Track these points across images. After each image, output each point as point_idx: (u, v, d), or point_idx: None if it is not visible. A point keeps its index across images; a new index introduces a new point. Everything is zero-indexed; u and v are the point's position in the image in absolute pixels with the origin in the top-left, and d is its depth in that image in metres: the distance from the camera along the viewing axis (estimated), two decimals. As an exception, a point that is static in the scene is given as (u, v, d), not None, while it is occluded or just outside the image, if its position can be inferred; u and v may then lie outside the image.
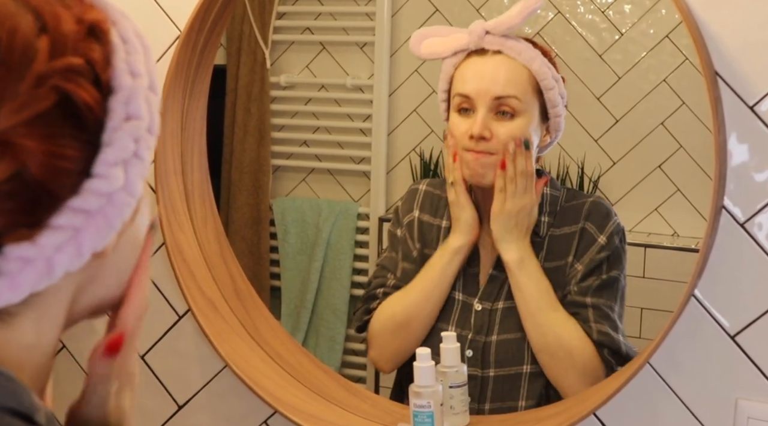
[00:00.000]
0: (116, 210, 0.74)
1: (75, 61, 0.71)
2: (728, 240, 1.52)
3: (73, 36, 0.72)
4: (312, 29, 2.62)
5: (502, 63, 1.71)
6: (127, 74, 0.75)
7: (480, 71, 1.72)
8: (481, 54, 1.73)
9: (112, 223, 0.74)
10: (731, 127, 1.50)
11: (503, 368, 1.76)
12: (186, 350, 1.98)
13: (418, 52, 1.79)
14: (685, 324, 1.54)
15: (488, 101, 1.70)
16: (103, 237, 0.74)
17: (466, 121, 1.73)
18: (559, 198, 1.79)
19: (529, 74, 1.71)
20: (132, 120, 0.74)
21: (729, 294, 1.54)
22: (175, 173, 1.84)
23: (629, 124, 2.14)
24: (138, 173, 0.75)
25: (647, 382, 1.60)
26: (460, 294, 1.80)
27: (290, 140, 2.68)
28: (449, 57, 1.76)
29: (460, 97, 1.73)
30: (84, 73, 0.72)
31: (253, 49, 2.65)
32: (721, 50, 1.48)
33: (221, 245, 1.92)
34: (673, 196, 2.10)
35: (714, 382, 1.56)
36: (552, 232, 1.77)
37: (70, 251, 0.72)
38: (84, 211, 0.72)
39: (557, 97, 1.73)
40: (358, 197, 2.54)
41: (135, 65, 0.76)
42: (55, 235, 0.71)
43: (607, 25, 2.15)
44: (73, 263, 0.72)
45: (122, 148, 0.73)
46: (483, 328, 1.77)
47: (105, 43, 0.75)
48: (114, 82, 0.74)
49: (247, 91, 2.67)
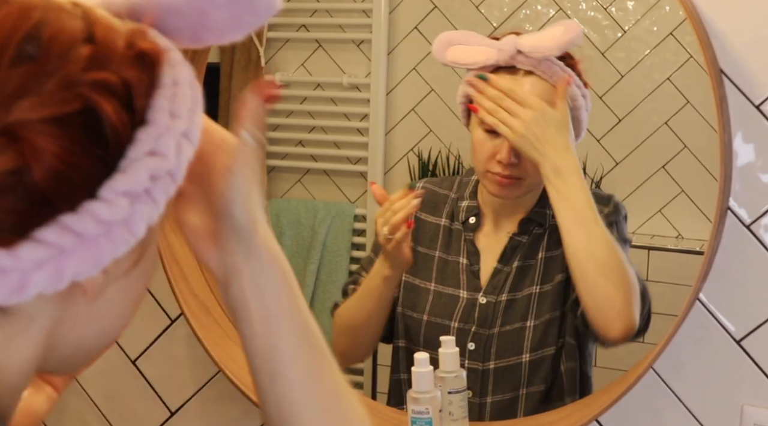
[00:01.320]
0: (111, 243, 0.70)
1: (110, 78, 0.70)
2: (734, 242, 1.52)
3: (119, 55, 0.71)
4: (307, 26, 2.61)
5: (534, 86, 1.70)
6: (166, 112, 0.72)
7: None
8: (512, 72, 1.72)
9: (102, 256, 0.70)
10: (737, 126, 1.50)
11: (503, 359, 1.77)
12: (178, 355, 1.98)
13: (442, 57, 1.78)
14: (689, 328, 1.54)
15: None
16: (88, 267, 0.70)
17: (493, 142, 1.72)
18: None
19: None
20: (156, 157, 0.71)
21: (734, 298, 1.54)
22: (168, 174, 1.84)
23: (632, 124, 2.14)
24: (145, 212, 0.71)
25: (651, 387, 1.60)
26: (464, 292, 1.81)
27: (285, 140, 2.68)
28: (475, 70, 1.74)
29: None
30: (117, 93, 0.70)
31: (247, 46, 2.64)
32: (727, 48, 1.49)
33: (215, 248, 1.91)
34: (677, 198, 2.10)
35: (719, 388, 1.56)
36: (552, 222, 1.78)
37: (49, 272, 0.68)
38: (75, 232, 0.68)
39: (584, 113, 1.73)
40: (355, 198, 2.54)
41: (178, 107, 0.74)
42: (38, 249, 0.67)
43: (610, 22, 2.15)
44: (50, 285, 0.69)
45: (136, 179, 0.70)
46: (487, 321, 1.78)
47: (152, 75, 0.73)
48: (149, 114, 0.72)
49: (240, 90, 2.67)
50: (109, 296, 0.77)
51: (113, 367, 2.05)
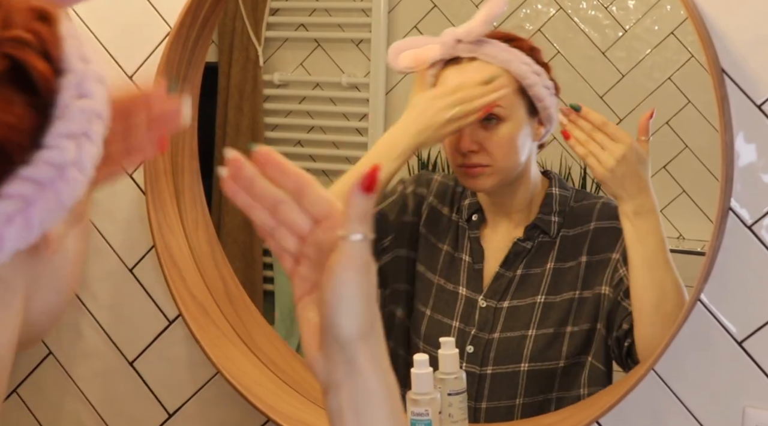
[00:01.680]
0: (67, 185, 0.72)
1: (25, 35, 0.72)
2: (735, 243, 1.52)
3: (24, 14, 0.73)
4: (306, 26, 2.61)
5: (478, 70, 1.73)
6: (78, 59, 0.75)
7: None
8: (457, 63, 1.75)
9: (63, 199, 0.72)
10: (738, 126, 1.50)
11: (501, 366, 1.77)
12: (176, 356, 1.98)
13: (396, 65, 1.81)
14: (690, 330, 1.54)
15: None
16: (53, 213, 0.72)
17: (453, 136, 1.74)
18: (568, 198, 1.81)
19: (509, 75, 1.72)
20: (84, 99, 0.74)
21: (736, 299, 1.54)
22: (165, 174, 1.84)
23: (633, 124, 2.13)
24: (90, 152, 0.74)
25: (652, 389, 1.60)
26: (464, 289, 1.81)
27: (284, 140, 2.68)
28: (428, 69, 1.77)
29: None
30: (34, 47, 0.72)
31: (246, 46, 2.64)
32: (728, 47, 1.48)
33: (213, 248, 1.91)
34: (678, 198, 2.10)
35: (721, 390, 1.56)
36: (564, 233, 1.78)
37: (20, 224, 0.70)
38: (35, 181, 0.70)
39: (542, 90, 1.73)
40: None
41: (85, 52, 0.76)
42: (4, 204, 0.69)
43: (611, 21, 2.15)
44: (22, 238, 0.71)
45: (74, 122, 0.73)
46: (487, 325, 1.78)
47: (55, 29, 0.75)
48: (64, 64, 0.74)
49: (239, 90, 2.67)
50: (64, 250, 0.79)
51: (111, 368, 2.05)
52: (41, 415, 2.11)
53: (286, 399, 1.82)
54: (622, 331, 1.67)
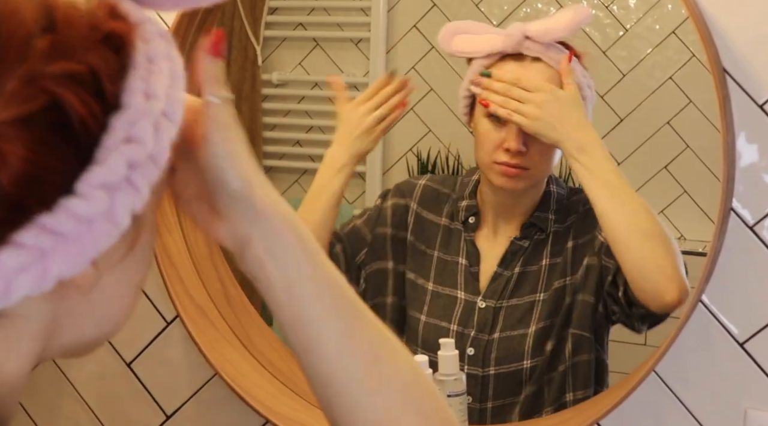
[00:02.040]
0: (93, 238, 0.68)
1: (75, 67, 0.67)
2: (737, 243, 1.52)
3: (83, 40, 0.68)
4: (305, 25, 2.61)
5: (542, 73, 1.70)
6: (141, 94, 0.70)
7: (517, 80, 1.70)
8: (519, 59, 1.72)
9: (86, 252, 0.68)
10: (740, 126, 1.50)
11: (503, 365, 1.77)
12: (174, 358, 1.98)
13: (448, 47, 1.78)
14: (691, 331, 1.54)
15: None
16: (73, 265, 0.68)
17: (499, 132, 1.72)
18: (564, 196, 1.82)
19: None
20: (133, 143, 0.69)
21: (738, 299, 1.54)
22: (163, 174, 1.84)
23: (634, 124, 2.14)
24: (127, 202, 0.69)
25: (653, 391, 1.60)
26: (462, 292, 1.81)
27: (282, 140, 2.68)
28: (481, 59, 1.75)
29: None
30: (84, 82, 0.67)
31: (244, 45, 2.64)
32: (730, 46, 1.48)
33: (211, 249, 1.91)
34: (679, 198, 2.10)
35: (722, 392, 1.56)
36: (556, 229, 1.79)
37: (33, 275, 0.66)
38: (54, 231, 0.66)
39: (589, 105, 1.73)
40: (353, 199, 2.54)
41: (153, 87, 0.71)
42: (18, 253, 0.65)
43: (611, 20, 2.15)
44: (35, 288, 0.67)
45: (113, 170, 0.67)
46: (486, 326, 1.78)
47: (123, 56, 0.70)
48: (123, 98, 0.69)
49: (237, 89, 2.67)
50: (106, 286, 0.75)
51: (108, 370, 2.04)
52: (38, 417, 2.11)
53: (285, 401, 1.82)
54: (610, 283, 1.67)
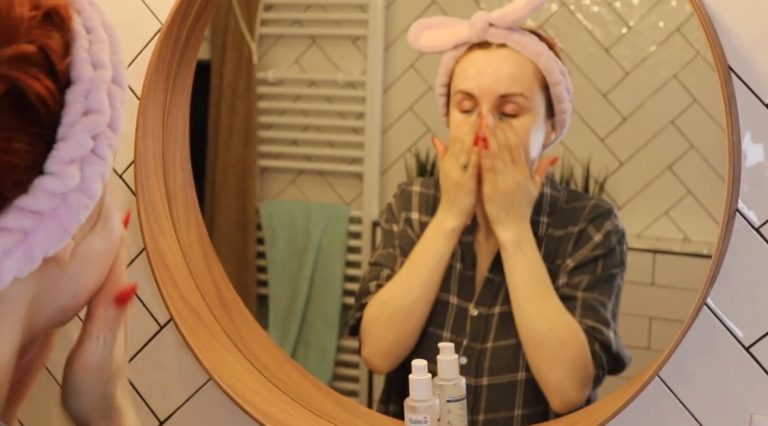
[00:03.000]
0: (71, 212, 0.71)
1: (26, 49, 0.69)
2: (742, 245, 1.52)
3: (27, 22, 0.70)
4: (301, 22, 2.62)
5: (507, 57, 1.71)
6: (88, 65, 0.73)
7: (483, 67, 1.72)
8: (485, 47, 1.73)
9: (67, 227, 0.71)
10: (746, 125, 1.49)
11: (497, 376, 1.76)
12: (168, 362, 1.98)
13: (417, 44, 1.79)
14: (696, 334, 1.54)
15: (493, 100, 1.70)
16: (56, 241, 0.71)
17: (469, 121, 1.73)
18: (559, 198, 1.80)
19: (535, 69, 1.71)
20: (91, 114, 0.72)
21: (743, 302, 1.53)
22: (156, 175, 1.84)
23: (637, 123, 2.14)
24: (96, 172, 0.72)
25: (656, 396, 1.59)
26: (455, 298, 1.80)
27: (278, 139, 2.68)
28: (450, 50, 1.76)
29: (462, 94, 1.73)
30: (37, 62, 0.69)
31: (239, 43, 2.64)
32: (735, 44, 1.48)
33: (205, 251, 1.91)
34: (683, 199, 2.10)
35: (727, 397, 1.56)
36: (550, 233, 1.77)
37: (20, 256, 0.69)
38: (34, 211, 0.69)
39: (564, 92, 1.73)
40: (351, 200, 2.54)
41: (98, 56, 0.74)
42: (2, 237, 0.68)
43: (614, 17, 2.15)
44: (23, 269, 0.70)
45: (79, 144, 0.70)
46: (479, 335, 1.77)
47: (65, 31, 0.73)
48: (73, 72, 0.72)
49: (232, 88, 2.67)
50: (80, 255, 0.78)
51: (100, 374, 2.04)
52: (28, 422, 2.11)
53: (281, 406, 1.82)
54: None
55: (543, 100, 1.73)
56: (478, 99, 1.71)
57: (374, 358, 1.83)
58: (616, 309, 1.74)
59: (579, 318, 1.69)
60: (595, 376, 1.69)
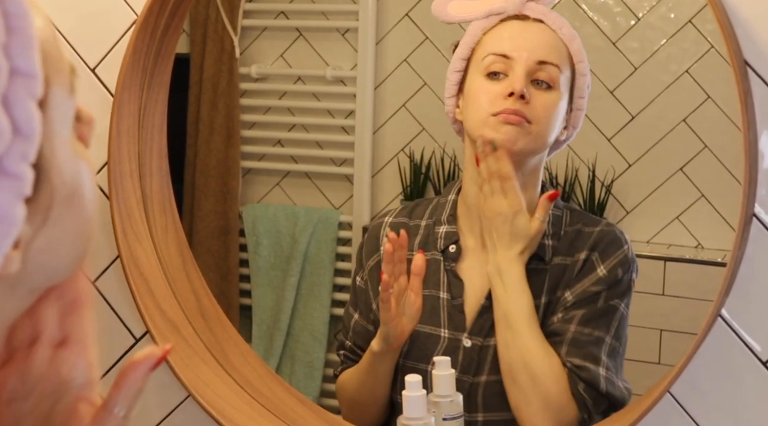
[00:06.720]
0: None
1: None
2: (760, 252, 1.52)
3: None
4: (287, 13, 2.62)
5: (545, 31, 1.73)
6: None
7: (521, 33, 1.72)
8: (522, 19, 1.74)
9: None
10: (763, 123, 1.50)
11: (492, 413, 1.73)
12: (143, 378, 1.97)
13: (444, 14, 1.78)
14: (710, 348, 1.54)
15: (530, 64, 1.69)
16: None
17: (498, 84, 1.71)
18: (561, 218, 1.77)
19: (567, 52, 1.72)
20: None
21: (761, 314, 1.53)
22: (132, 177, 1.84)
23: (647, 122, 2.14)
24: (10, 195, 0.66)
25: (667, 414, 1.59)
26: (445, 331, 1.77)
27: (262, 139, 2.68)
28: (480, 20, 1.76)
29: (495, 56, 1.72)
30: None
31: (220, 35, 2.65)
32: (752, 37, 1.48)
33: (184, 258, 1.91)
34: (696, 203, 2.10)
35: (743, 415, 1.56)
36: (557, 261, 1.74)
37: None
38: None
39: (585, 86, 1.74)
40: (340, 204, 2.54)
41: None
42: None
43: (622, 8, 2.16)
44: None
45: None
46: (471, 367, 1.74)
47: None
48: None
49: (213, 84, 2.67)
50: (41, 249, 0.73)
51: (71, 391, 2.04)
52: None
53: (264, 423, 1.82)
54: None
55: (569, 87, 1.73)
56: (513, 61, 1.70)
57: (352, 420, 1.86)
58: (618, 342, 1.71)
59: (565, 356, 1.67)
60: (579, 418, 1.67)
